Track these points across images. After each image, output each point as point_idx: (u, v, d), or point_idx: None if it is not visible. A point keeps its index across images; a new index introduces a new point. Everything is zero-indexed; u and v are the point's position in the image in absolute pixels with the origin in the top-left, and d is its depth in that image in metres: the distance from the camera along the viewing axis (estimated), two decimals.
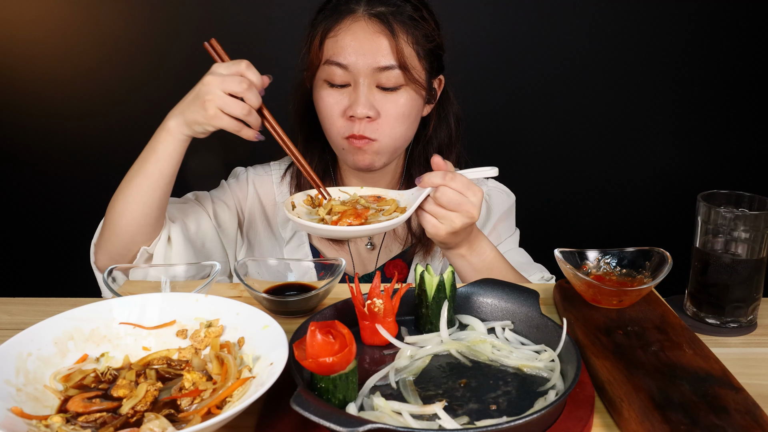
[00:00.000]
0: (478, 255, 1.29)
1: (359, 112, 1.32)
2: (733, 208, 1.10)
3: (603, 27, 2.55)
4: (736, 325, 1.10)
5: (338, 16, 1.34)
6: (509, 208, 1.61)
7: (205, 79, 1.20)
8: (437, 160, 1.23)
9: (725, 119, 2.69)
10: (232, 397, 0.79)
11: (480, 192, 1.20)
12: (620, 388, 0.84)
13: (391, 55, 1.32)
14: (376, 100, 1.34)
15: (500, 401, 0.83)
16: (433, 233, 1.22)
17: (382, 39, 1.32)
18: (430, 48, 1.38)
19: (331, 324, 0.81)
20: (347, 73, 1.33)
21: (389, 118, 1.35)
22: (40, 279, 2.84)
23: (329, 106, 1.37)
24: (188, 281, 1.13)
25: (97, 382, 0.84)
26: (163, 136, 1.26)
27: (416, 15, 1.36)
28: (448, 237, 1.22)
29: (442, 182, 1.18)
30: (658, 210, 2.77)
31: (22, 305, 1.16)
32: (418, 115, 1.42)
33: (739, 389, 0.83)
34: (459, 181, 1.18)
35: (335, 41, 1.33)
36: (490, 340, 0.95)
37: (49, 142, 2.68)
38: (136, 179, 1.30)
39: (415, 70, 1.35)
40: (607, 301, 1.05)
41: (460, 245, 1.27)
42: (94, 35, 2.56)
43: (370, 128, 1.35)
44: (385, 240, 1.56)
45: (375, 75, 1.32)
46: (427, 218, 1.21)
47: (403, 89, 1.35)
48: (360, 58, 1.31)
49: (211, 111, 1.19)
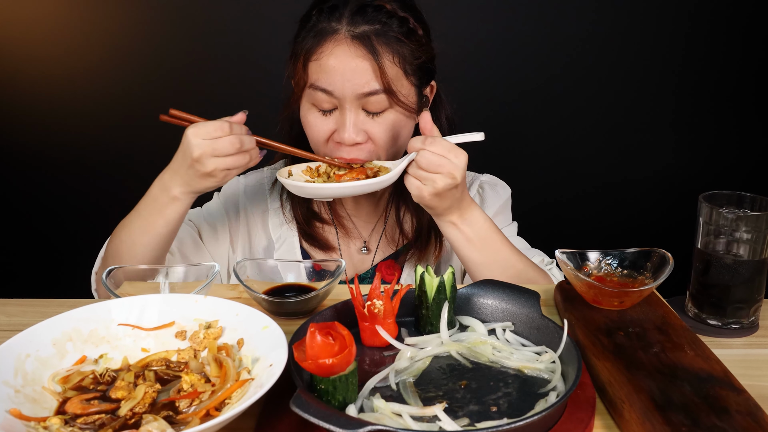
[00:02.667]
0: (469, 224, 1.28)
1: (347, 138, 1.30)
2: (735, 208, 1.10)
3: (603, 26, 2.55)
4: (738, 327, 1.09)
5: (320, 37, 1.29)
6: (505, 201, 1.59)
7: (194, 154, 1.19)
8: (424, 121, 1.24)
9: (727, 119, 2.69)
10: (231, 398, 0.79)
11: (464, 155, 1.20)
12: (621, 390, 0.83)
13: (376, 80, 1.27)
14: (364, 123, 1.32)
15: (501, 403, 0.83)
16: (417, 195, 1.23)
17: (365, 63, 1.26)
18: (417, 64, 1.34)
19: (331, 325, 0.80)
20: (332, 98, 1.30)
21: (379, 141, 1.33)
22: (39, 280, 2.84)
23: (316, 132, 1.35)
24: (187, 282, 1.13)
25: (96, 383, 0.84)
26: (172, 204, 1.28)
27: (402, 31, 1.30)
28: (432, 199, 1.22)
29: (422, 146, 1.20)
30: (659, 210, 2.76)
31: (21, 306, 1.15)
32: (411, 127, 1.40)
33: (740, 390, 0.83)
34: (440, 145, 1.19)
35: (318, 65, 1.29)
36: (490, 341, 0.95)
37: (47, 143, 2.69)
38: (144, 237, 1.31)
39: (401, 92, 1.31)
40: (608, 302, 1.05)
41: (450, 211, 1.26)
42: (92, 36, 2.56)
43: (362, 152, 1.34)
44: (377, 242, 1.55)
45: (360, 99, 1.29)
46: (411, 180, 1.23)
47: (389, 111, 1.32)
48: (345, 83, 1.27)
49: (220, 176, 1.22)
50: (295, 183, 1.25)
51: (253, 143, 1.24)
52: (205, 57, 2.55)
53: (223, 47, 2.54)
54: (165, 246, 1.34)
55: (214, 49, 2.54)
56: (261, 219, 1.56)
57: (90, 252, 1.46)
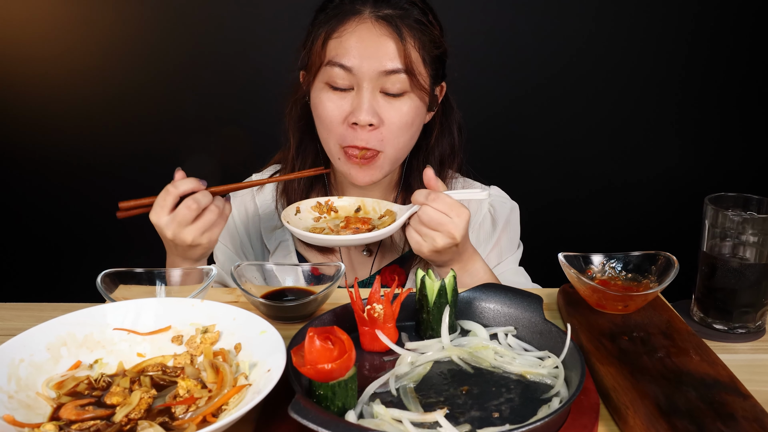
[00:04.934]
0: (470, 275, 1.28)
1: (362, 119, 1.28)
2: (741, 211, 1.09)
3: (607, 26, 2.55)
4: (744, 331, 1.08)
5: (343, 16, 1.30)
6: (513, 218, 1.57)
7: (168, 235, 1.19)
8: (428, 177, 1.24)
9: (733, 120, 2.68)
10: (228, 404, 0.78)
11: (466, 213, 1.19)
12: (625, 395, 0.83)
13: (398, 58, 1.28)
14: (380, 107, 1.30)
15: (503, 409, 0.82)
16: (416, 249, 1.23)
17: (389, 42, 1.28)
18: (436, 54, 1.35)
19: (330, 330, 0.80)
20: (351, 75, 1.28)
21: (392, 126, 1.31)
22: (33, 284, 2.83)
23: (329, 111, 1.32)
24: (184, 286, 1.12)
25: (91, 389, 0.83)
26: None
27: (424, 19, 1.32)
28: (431, 255, 1.23)
29: (425, 201, 1.19)
30: (664, 213, 2.76)
31: (15, 310, 1.15)
32: (421, 123, 1.39)
33: (746, 396, 0.82)
34: (442, 202, 1.18)
35: (339, 42, 1.29)
36: (492, 346, 0.94)
37: (43, 145, 2.68)
38: None
39: (420, 75, 1.31)
40: (613, 307, 1.04)
41: (450, 263, 1.26)
42: (89, 36, 2.56)
43: (373, 138, 1.31)
44: (381, 247, 1.53)
45: (380, 79, 1.28)
46: (412, 234, 1.23)
47: (407, 96, 1.31)
48: (365, 60, 1.27)
49: (206, 243, 1.21)
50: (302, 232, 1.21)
51: (208, 197, 1.20)
52: (202, 58, 2.55)
53: (221, 47, 2.54)
54: None
55: (213, 48, 2.54)
56: (255, 223, 1.55)
57: (87, 254, 1.45)
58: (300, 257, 1.51)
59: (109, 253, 2.44)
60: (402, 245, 1.52)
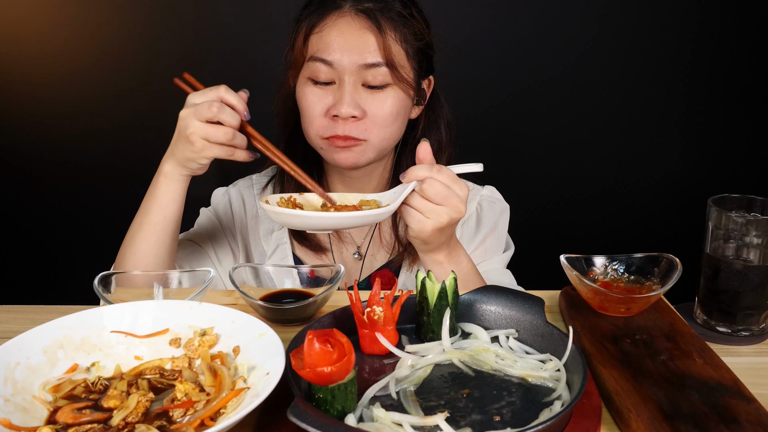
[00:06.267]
0: (456, 263, 1.26)
1: (344, 112, 1.28)
2: (745, 212, 1.08)
3: (607, 24, 2.54)
4: (748, 334, 1.08)
5: (323, 11, 1.31)
6: (503, 220, 1.55)
7: (182, 113, 1.18)
8: (424, 151, 1.17)
9: (736, 121, 2.68)
10: (227, 408, 0.78)
11: (466, 187, 1.16)
12: (628, 399, 0.82)
13: (378, 52, 1.28)
14: (362, 99, 1.30)
15: (504, 412, 0.81)
16: (418, 229, 1.16)
17: (369, 35, 1.28)
18: (419, 47, 1.35)
19: (330, 332, 0.79)
20: (332, 70, 1.29)
21: (376, 118, 1.31)
22: (29, 286, 2.83)
23: (312, 105, 1.32)
24: (182, 288, 1.11)
25: (88, 392, 0.82)
26: (162, 182, 1.26)
27: (405, 12, 1.32)
28: (433, 234, 1.16)
29: (429, 174, 1.12)
30: (667, 215, 2.75)
31: (10, 313, 1.14)
32: (406, 115, 1.39)
33: (750, 400, 0.82)
34: (446, 174, 1.13)
35: (320, 37, 1.30)
36: (493, 349, 0.93)
37: (37, 146, 2.68)
38: (142, 232, 1.29)
39: (403, 68, 1.31)
40: (615, 309, 1.04)
41: (441, 248, 1.22)
42: (84, 36, 2.56)
43: (356, 128, 1.31)
44: (371, 248, 1.52)
45: (361, 72, 1.29)
46: (412, 213, 1.16)
47: (390, 88, 1.31)
48: (345, 54, 1.28)
49: (198, 144, 1.17)
50: (287, 211, 1.10)
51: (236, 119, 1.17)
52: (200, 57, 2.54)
53: (219, 46, 2.53)
54: (163, 242, 1.30)
55: (211, 48, 2.54)
56: (253, 226, 1.54)
57: (83, 256, 1.45)
58: (297, 260, 1.51)
59: (106, 255, 2.43)
60: (392, 246, 1.51)
